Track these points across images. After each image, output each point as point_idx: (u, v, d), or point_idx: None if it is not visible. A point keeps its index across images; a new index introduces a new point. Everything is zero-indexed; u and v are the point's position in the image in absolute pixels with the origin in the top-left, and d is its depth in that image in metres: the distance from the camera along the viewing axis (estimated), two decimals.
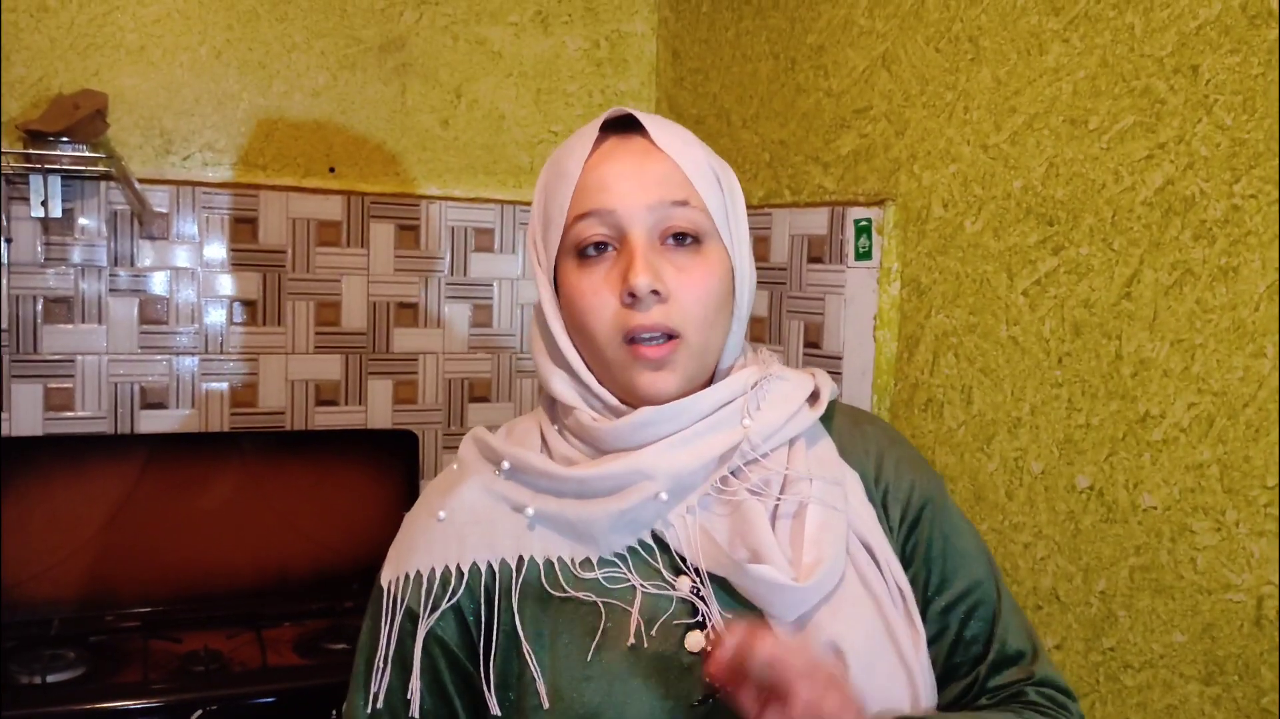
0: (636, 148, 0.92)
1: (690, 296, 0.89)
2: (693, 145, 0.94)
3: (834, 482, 0.91)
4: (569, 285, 0.92)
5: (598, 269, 0.90)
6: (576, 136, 0.94)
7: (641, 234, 0.89)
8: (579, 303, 0.90)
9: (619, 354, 0.89)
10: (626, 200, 0.89)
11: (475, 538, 0.91)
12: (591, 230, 0.90)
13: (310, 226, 2.02)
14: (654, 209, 0.89)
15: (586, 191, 0.90)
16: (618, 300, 0.88)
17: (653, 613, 0.87)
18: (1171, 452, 1.20)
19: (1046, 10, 1.34)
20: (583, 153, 0.92)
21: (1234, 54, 1.13)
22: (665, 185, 0.90)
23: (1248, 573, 1.12)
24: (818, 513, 0.88)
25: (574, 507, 0.89)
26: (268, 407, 2.02)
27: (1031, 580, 1.38)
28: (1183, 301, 1.18)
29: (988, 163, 1.43)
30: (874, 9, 1.64)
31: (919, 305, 1.56)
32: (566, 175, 0.92)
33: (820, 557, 0.85)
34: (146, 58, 1.92)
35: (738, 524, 0.88)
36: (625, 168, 0.90)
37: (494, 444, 0.95)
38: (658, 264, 0.89)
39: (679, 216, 0.90)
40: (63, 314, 1.88)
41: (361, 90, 2.06)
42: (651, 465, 0.87)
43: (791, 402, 0.93)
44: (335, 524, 2.02)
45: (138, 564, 1.90)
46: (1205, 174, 1.16)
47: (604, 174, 0.90)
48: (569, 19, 2.22)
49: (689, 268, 0.90)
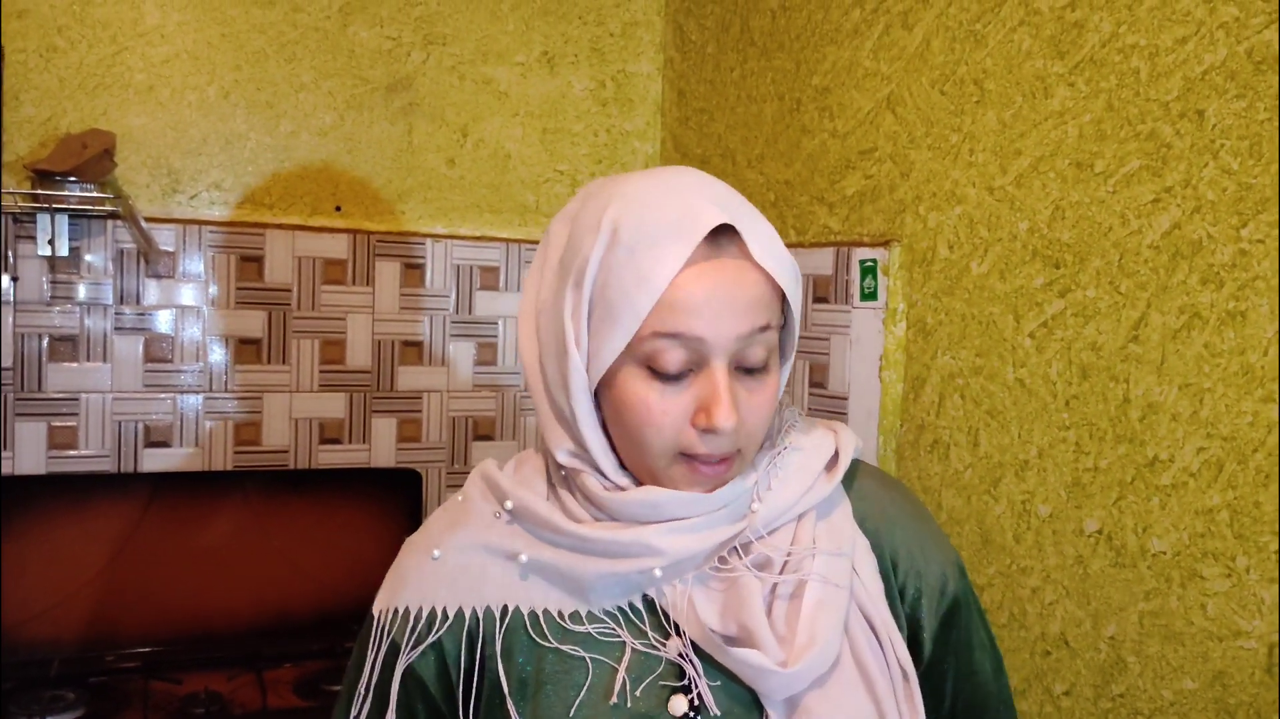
0: (731, 266, 0.83)
1: (755, 419, 0.86)
2: (780, 247, 0.86)
3: (841, 554, 0.89)
4: (629, 394, 0.85)
5: (670, 388, 0.84)
6: (662, 237, 0.82)
7: (724, 365, 0.83)
8: (641, 415, 0.84)
9: (670, 466, 0.86)
10: (718, 329, 0.82)
11: (465, 583, 0.91)
12: (673, 354, 0.83)
13: (316, 265, 2.03)
14: (742, 339, 0.83)
15: (674, 311, 0.82)
16: (687, 423, 0.84)
17: (639, 672, 0.87)
18: (1181, 496, 1.19)
19: (1051, 54, 1.34)
20: (672, 264, 0.81)
21: (1240, 99, 1.13)
22: (756, 310, 0.84)
23: (1259, 619, 1.11)
24: (816, 591, 0.86)
25: (568, 559, 0.88)
26: (272, 445, 2.02)
27: (1040, 625, 1.36)
28: (1190, 345, 1.18)
29: (993, 205, 1.43)
30: (879, 51, 1.65)
31: (925, 346, 1.56)
32: (648, 283, 0.81)
33: (813, 639, 0.83)
34: (155, 97, 1.93)
35: (731, 600, 0.86)
36: (721, 291, 0.82)
37: (501, 482, 0.93)
38: (735, 393, 0.84)
39: (760, 343, 0.84)
40: (67, 352, 1.88)
41: (368, 130, 2.07)
42: (656, 543, 0.85)
43: (806, 475, 0.91)
44: (337, 564, 2.01)
45: (139, 604, 1.89)
46: (1212, 218, 1.15)
47: (695, 296, 0.82)
48: (575, 59, 2.23)
49: (757, 390, 0.86)
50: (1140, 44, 1.23)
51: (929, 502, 1.54)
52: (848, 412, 1.67)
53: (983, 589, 1.44)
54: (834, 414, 1.69)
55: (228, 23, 1.96)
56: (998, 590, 1.43)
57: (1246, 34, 1.12)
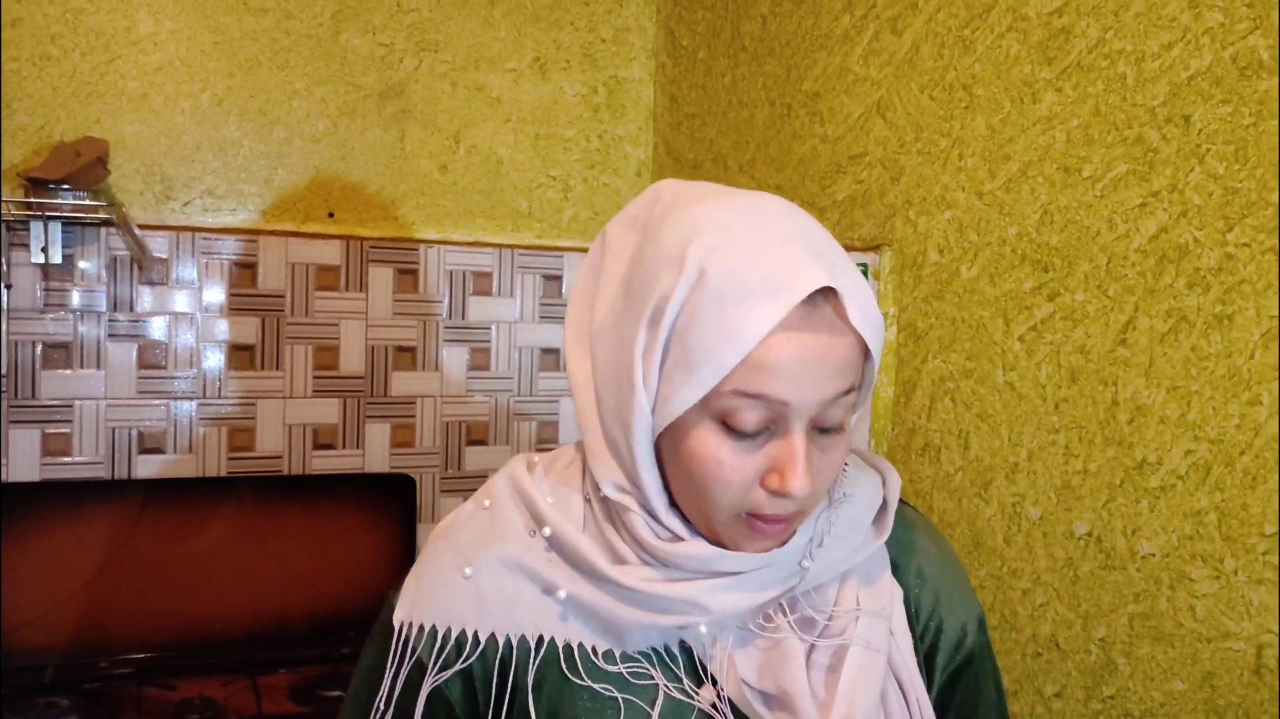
0: (824, 327, 0.78)
1: (824, 479, 0.82)
2: (874, 305, 0.81)
3: (881, 616, 0.87)
4: (701, 448, 0.80)
5: (744, 444, 0.79)
6: (758, 292, 0.76)
7: (803, 428, 0.79)
8: (712, 470, 0.80)
9: (732, 522, 0.82)
10: (804, 394, 0.77)
11: (498, 607, 0.87)
12: (752, 414, 0.78)
13: (309, 271, 2.03)
14: (825, 403, 0.79)
15: (760, 372, 0.77)
16: (757, 482, 0.80)
17: (671, 717, 0.85)
18: (1169, 499, 1.20)
19: (1039, 60, 1.35)
20: (765, 323, 0.76)
21: (1225, 104, 1.14)
22: (843, 374, 0.79)
23: (1247, 621, 1.12)
24: (857, 658, 0.84)
25: (609, 604, 0.84)
26: (265, 451, 2.02)
27: (1031, 628, 1.37)
28: (1178, 349, 1.19)
29: (983, 209, 1.44)
30: (869, 57, 1.66)
31: (916, 350, 1.56)
32: (736, 339, 0.76)
33: (852, 708, 0.82)
34: (148, 105, 1.93)
35: (773, 659, 0.84)
36: (811, 354, 0.77)
37: (536, 501, 0.89)
38: (810, 455, 0.80)
39: (839, 407, 0.80)
40: (61, 359, 1.89)
41: (361, 136, 2.08)
42: (705, 601, 0.82)
43: (857, 530, 0.89)
44: (332, 569, 2.01)
45: (133, 610, 1.90)
46: (1198, 222, 1.16)
47: (784, 359, 0.77)
48: (567, 65, 2.24)
49: (830, 450, 0.82)
50: (1127, 49, 1.24)
51: (920, 504, 1.54)
52: None
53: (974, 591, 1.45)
54: None
55: (220, 30, 1.97)
56: (989, 593, 1.43)
57: (1231, 39, 1.13)
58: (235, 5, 1.97)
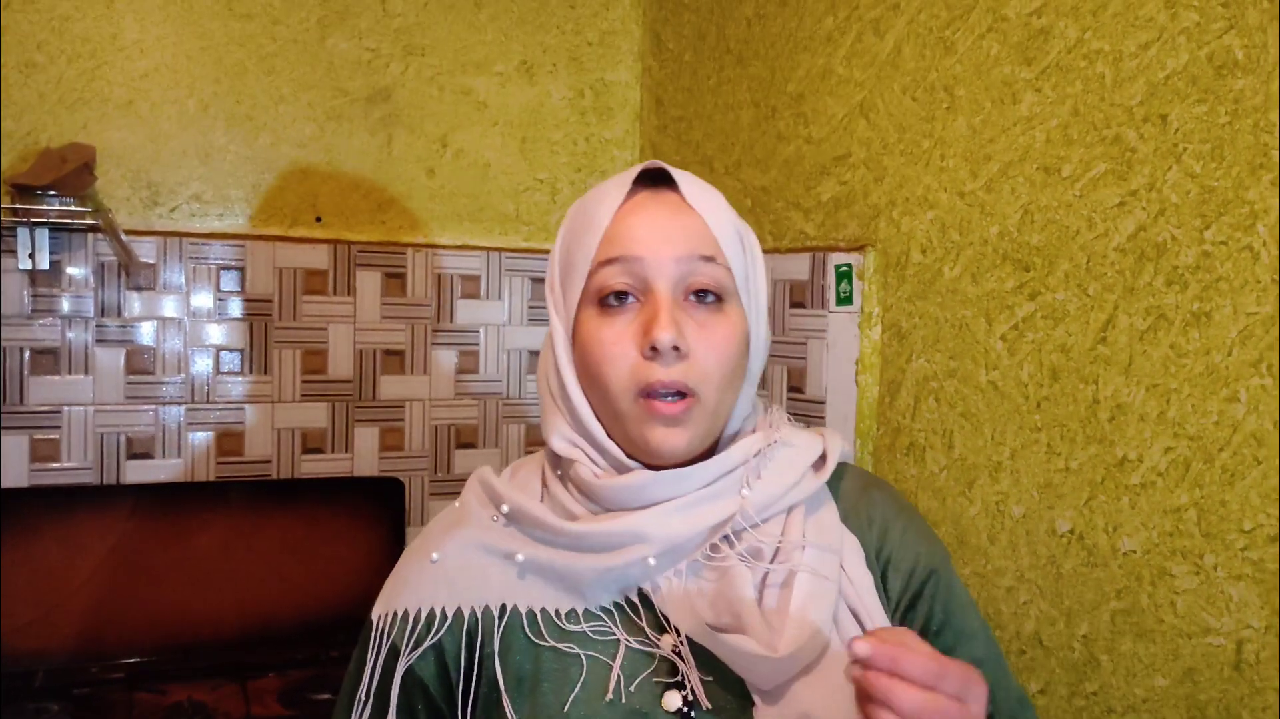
0: (667, 201, 0.92)
1: (710, 356, 0.89)
2: (721, 205, 0.94)
3: (830, 549, 0.90)
4: (587, 333, 0.91)
5: (619, 319, 0.90)
6: (606, 186, 0.94)
7: (666, 287, 0.89)
8: (597, 351, 0.90)
9: (632, 408, 0.89)
10: (655, 251, 0.89)
11: (464, 583, 0.92)
12: (616, 278, 0.90)
13: (297, 276, 2.04)
14: (681, 262, 0.89)
15: (614, 239, 0.90)
16: (637, 353, 0.88)
17: (633, 668, 0.88)
18: (1149, 495, 1.21)
19: (1019, 60, 1.36)
20: (613, 202, 0.92)
21: (1201, 103, 1.14)
22: (694, 240, 0.90)
23: (1227, 617, 1.13)
24: (806, 582, 0.87)
25: (564, 557, 0.90)
26: (254, 455, 2.03)
27: (1015, 625, 1.38)
28: (1157, 347, 1.20)
29: (965, 209, 1.45)
30: (851, 58, 1.66)
31: (900, 350, 1.57)
32: (594, 221, 0.92)
33: (803, 627, 0.84)
34: (135, 111, 1.93)
35: (723, 590, 0.87)
36: (655, 219, 0.91)
37: (497, 487, 0.96)
38: (681, 319, 0.89)
39: (704, 272, 0.90)
40: (49, 365, 1.89)
41: (348, 141, 2.08)
42: (646, 529, 0.87)
43: (794, 469, 0.93)
44: (321, 573, 2.01)
45: (123, 615, 1.90)
46: (1176, 221, 1.17)
47: (633, 223, 0.91)
48: (553, 68, 2.24)
49: (710, 325, 0.90)
50: (1105, 50, 1.25)
51: None
52: (825, 415, 1.68)
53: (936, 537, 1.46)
54: (812, 418, 1.71)
55: (206, 36, 1.97)
56: (973, 590, 1.44)
57: (1207, 39, 1.14)
58: (221, 11, 1.98)
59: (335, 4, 2.06)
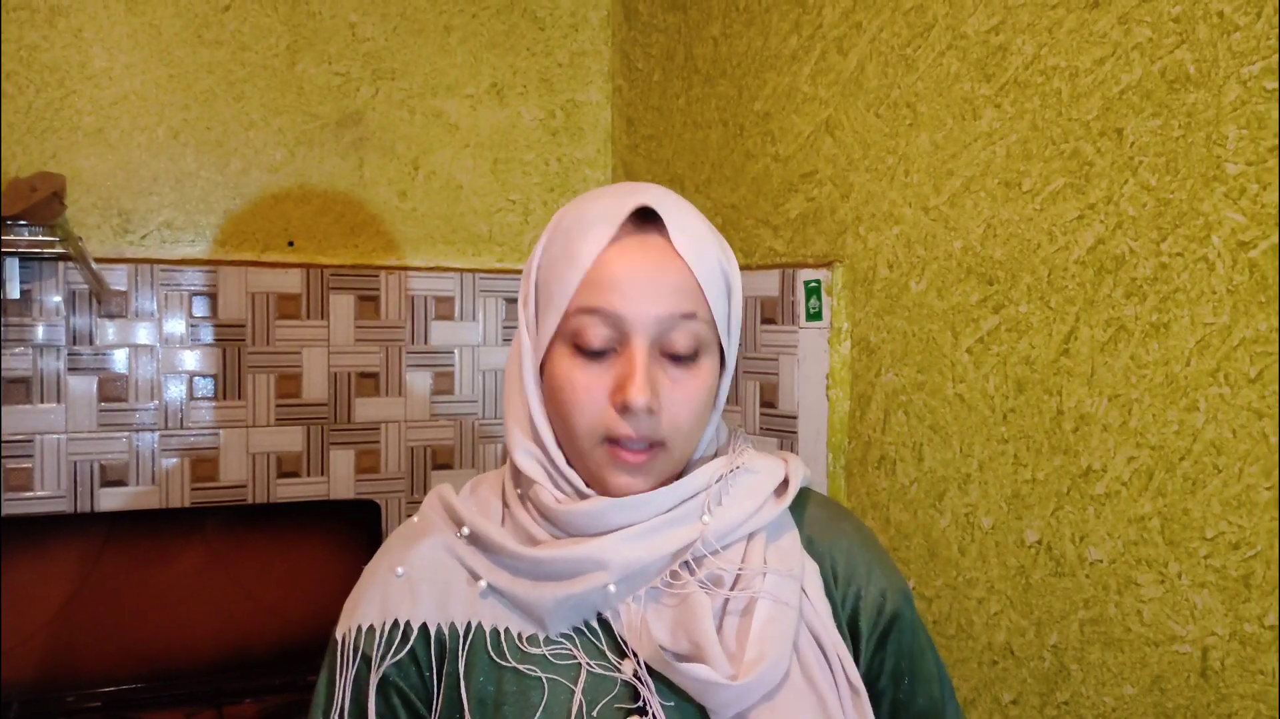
0: (654, 248, 0.88)
1: (682, 411, 0.89)
2: (709, 248, 0.91)
3: (790, 576, 0.90)
4: (559, 372, 0.90)
5: (592, 365, 0.88)
6: (592, 215, 0.90)
7: (644, 344, 0.87)
8: (567, 394, 0.89)
9: (596, 451, 0.89)
10: (636, 307, 0.87)
11: (428, 597, 0.92)
12: (595, 330, 0.87)
13: (270, 300, 2.04)
14: (663, 320, 0.87)
15: (596, 287, 0.87)
16: (607, 401, 0.87)
17: (595, 693, 0.88)
18: (1114, 505, 1.22)
19: (979, 77, 1.38)
20: (598, 241, 0.88)
21: (1155, 117, 1.16)
22: (678, 296, 0.88)
23: (1192, 624, 1.14)
24: (766, 608, 0.87)
25: (524, 587, 0.90)
26: (229, 480, 2.02)
27: (986, 636, 1.39)
28: (1118, 357, 1.21)
29: (929, 224, 1.46)
30: (816, 77, 1.68)
31: (869, 364, 1.58)
32: (576, 261, 0.88)
33: (763, 654, 0.85)
34: (104, 139, 1.94)
35: (683, 617, 0.87)
36: (640, 271, 0.87)
37: (457, 507, 0.95)
38: (656, 376, 0.87)
39: (684, 331, 0.88)
40: (21, 394, 1.88)
41: (319, 165, 2.09)
42: (605, 555, 0.87)
43: (756, 495, 0.93)
44: (298, 597, 2.01)
45: (99, 644, 1.89)
46: (1133, 233, 1.19)
47: (617, 273, 0.87)
48: (524, 90, 2.25)
49: (683, 380, 0.89)
50: (1061, 65, 1.27)
51: (877, 517, 1.56)
52: (797, 430, 1.69)
53: (930, 601, 1.47)
54: (784, 433, 1.72)
55: (175, 63, 1.97)
56: (945, 602, 1.45)
57: (1160, 54, 1.15)
58: (190, 38, 1.98)
59: (304, 29, 2.06)
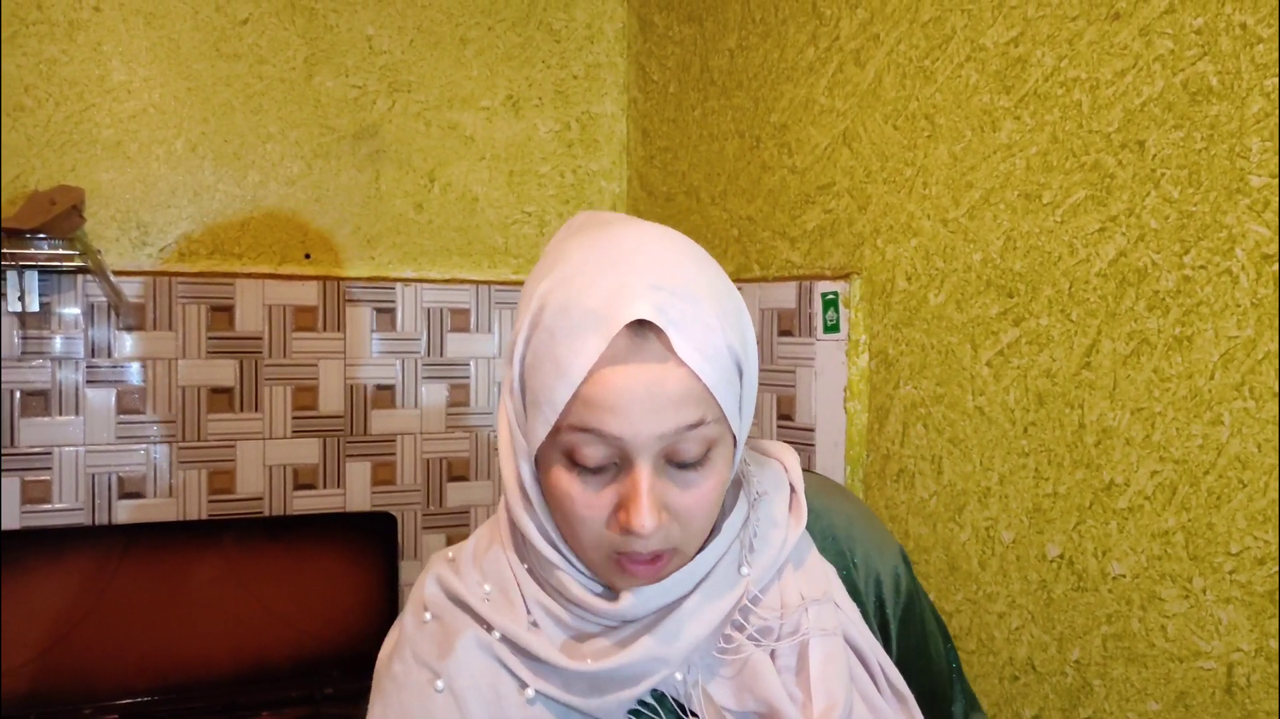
0: (654, 362, 0.76)
1: (694, 517, 0.80)
2: (717, 342, 0.78)
3: (827, 600, 0.87)
4: (556, 485, 0.80)
5: (592, 482, 0.79)
6: (582, 326, 0.76)
7: (648, 465, 0.77)
8: (566, 507, 0.80)
9: (604, 562, 0.81)
10: (636, 429, 0.75)
11: (480, 711, 0.85)
12: (591, 449, 0.77)
13: (287, 312, 2.04)
14: (666, 438, 0.76)
15: (589, 406, 0.76)
16: (608, 517, 0.79)
17: None
18: (1137, 519, 1.21)
19: (998, 89, 1.37)
20: (588, 355, 0.75)
21: (1178, 129, 1.16)
22: (682, 408, 0.76)
23: (1217, 640, 1.13)
24: (820, 648, 0.84)
25: (580, 697, 0.83)
26: (246, 493, 2.02)
27: (1008, 651, 1.38)
28: (1140, 371, 1.20)
29: (948, 236, 1.46)
30: (833, 88, 1.68)
31: (887, 377, 1.58)
32: (565, 373, 0.76)
33: (831, 698, 0.82)
34: (123, 152, 1.94)
35: (745, 679, 0.83)
36: (638, 390, 0.75)
37: (473, 605, 0.87)
38: (663, 491, 0.78)
39: (691, 439, 0.77)
40: (40, 407, 1.89)
41: (336, 178, 2.09)
42: (664, 652, 0.81)
43: (779, 524, 0.88)
44: (315, 609, 2.01)
45: (116, 656, 1.89)
46: (1156, 246, 1.18)
47: (611, 392, 0.75)
48: (539, 102, 2.26)
49: (695, 485, 0.80)
50: (1081, 77, 1.26)
51: (896, 530, 1.55)
52: (815, 443, 1.69)
53: (951, 615, 1.46)
54: (802, 445, 1.71)
55: (194, 77, 1.98)
56: (965, 617, 1.44)
57: (1181, 66, 1.15)
58: (208, 51, 1.99)
59: (321, 43, 2.07)
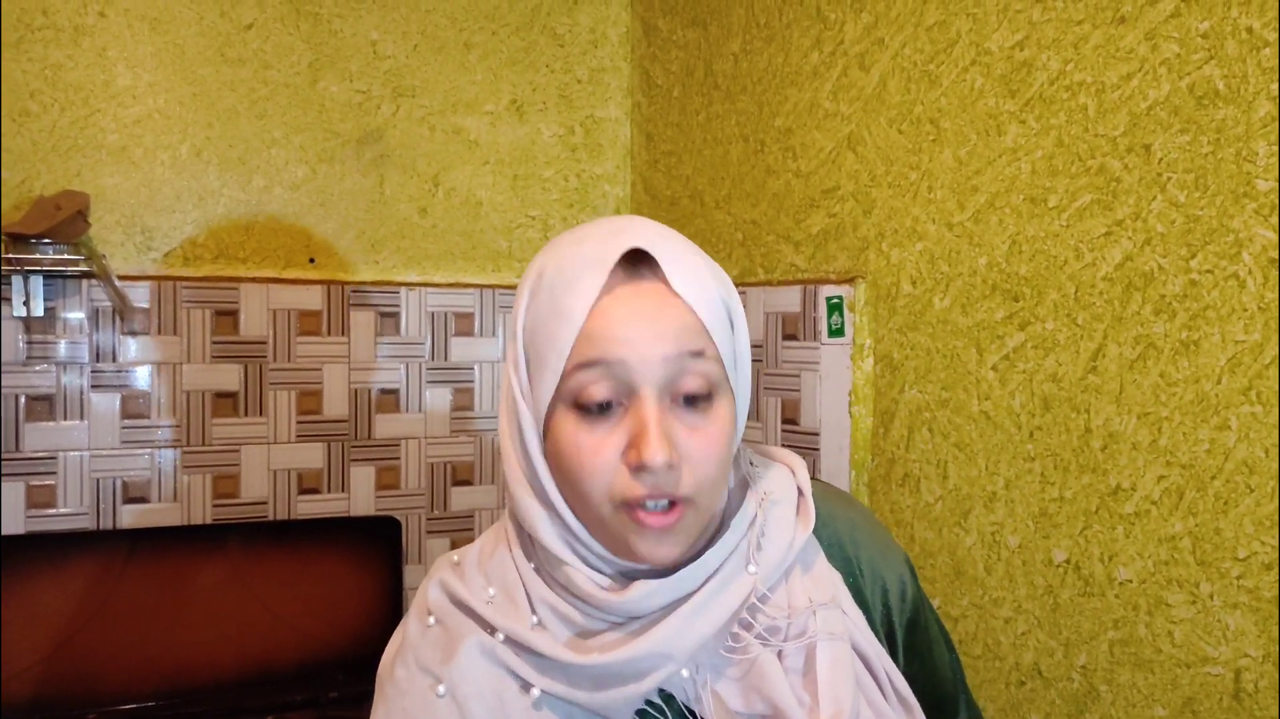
0: (651, 292, 0.81)
1: (704, 462, 0.81)
2: (709, 284, 0.83)
3: (834, 605, 0.87)
4: (563, 436, 0.81)
5: (600, 426, 0.80)
6: (577, 265, 0.81)
7: (654, 393, 0.79)
8: (574, 459, 0.81)
9: (615, 518, 0.81)
10: (640, 351, 0.79)
11: (483, 717, 0.85)
12: (597, 385, 0.79)
13: (291, 317, 2.04)
14: (669, 361, 0.79)
15: (593, 339, 0.79)
16: (621, 462, 0.80)
17: None
18: (1144, 524, 1.21)
19: (1003, 93, 1.37)
20: (589, 291, 0.80)
21: (1184, 133, 1.15)
22: (683, 335, 0.80)
23: (1224, 645, 1.12)
24: (826, 652, 0.84)
25: (586, 693, 0.83)
26: (250, 497, 2.02)
27: (1014, 656, 1.37)
28: (1147, 375, 1.20)
29: (953, 240, 1.46)
30: (838, 92, 1.68)
31: (892, 381, 1.57)
32: (567, 313, 0.80)
33: (838, 702, 0.82)
34: (128, 157, 1.95)
35: (753, 679, 0.83)
36: (639, 314, 0.79)
37: (477, 609, 0.87)
38: (671, 427, 0.80)
39: (694, 371, 0.80)
40: (44, 411, 1.89)
41: (340, 182, 2.09)
42: (670, 647, 0.81)
43: (787, 526, 0.88)
44: (319, 613, 2.01)
45: (121, 660, 1.89)
46: (1162, 250, 1.18)
47: (614, 320, 0.79)
48: (544, 106, 2.26)
49: (702, 428, 0.81)
50: (1087, 81, 1.26)
51: (901, 534, 1.55)
52: (820, 447, 1.68)
53: (956, 620, 1.45)
54: (807, 449, 1.71)
55: (198, 82, 1.99)
56: (971, 622, 1.44)
57: (1188, 70, 1.15)
58: (213, 57, 1.99)
59: (325, 48, 2.07)
